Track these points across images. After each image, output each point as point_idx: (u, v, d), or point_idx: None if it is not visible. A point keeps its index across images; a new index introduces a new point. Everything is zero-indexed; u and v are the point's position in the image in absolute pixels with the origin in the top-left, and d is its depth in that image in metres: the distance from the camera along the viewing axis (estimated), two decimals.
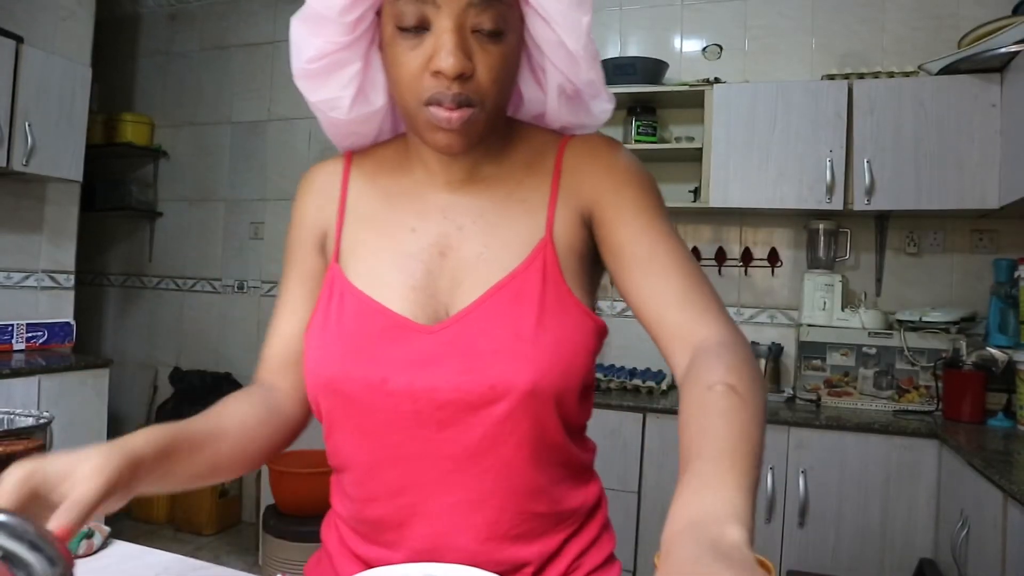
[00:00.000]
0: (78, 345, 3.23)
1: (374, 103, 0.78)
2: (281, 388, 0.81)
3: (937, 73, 2.46)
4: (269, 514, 2.68)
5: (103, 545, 0.93)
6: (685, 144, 2.82)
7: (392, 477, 0.73)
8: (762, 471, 0.58)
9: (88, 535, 0.91)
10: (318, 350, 0.75)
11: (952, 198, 2.42)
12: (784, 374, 2.79)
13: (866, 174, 2.48)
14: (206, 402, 0.76)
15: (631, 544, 2.43)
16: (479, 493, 0.72)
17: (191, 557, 0.90)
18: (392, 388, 0.70)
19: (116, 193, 3.89)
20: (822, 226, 2.73)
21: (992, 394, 2.34)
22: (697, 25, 3.05)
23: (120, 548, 0.93)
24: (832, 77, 2.62)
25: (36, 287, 3.16)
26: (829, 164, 2.51)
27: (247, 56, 3.84)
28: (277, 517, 2.64)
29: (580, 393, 0.74)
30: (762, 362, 2.70)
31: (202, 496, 3.39)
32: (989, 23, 2.29)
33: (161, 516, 3.51)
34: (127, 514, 3.54)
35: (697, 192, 2.82)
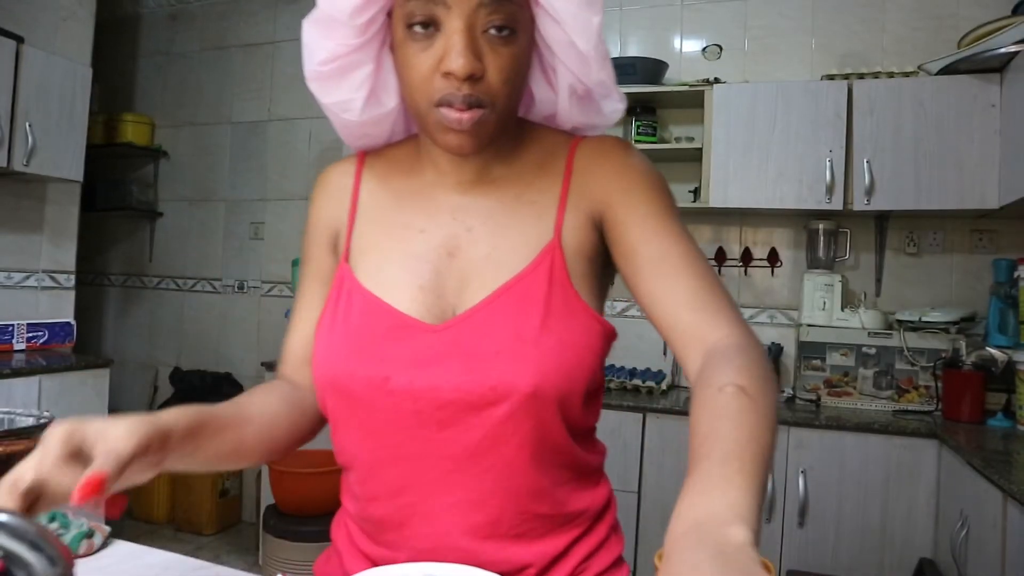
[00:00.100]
0: (78, 345, 3.24)
1: (386, 105, 0.78)
2: (301, 384, 0.82)
3: (937, 73, 2.46)
4: (269, 514, 2.69)
5: (103, 545, 0.93)
6: (685, 144, 2.83)
7: (393, 476, 0.73)
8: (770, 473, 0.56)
9: (88, 535, 0.91)
10: (324, 348, 0.75)
11: (952, 198, 2.42)
12: (784, 374, 2.80)
13: (866, 174, 2.48)
14: (206, 402, 0.76)
15: (631, 544, 2.43)
16: (480, 493, 0.72)
17: (191, 557, 0.90)
18: (394, 387, 0.71)
19: (116, 193, 3.89)
20: (822, 226, 2.73)
21: (992, 394, 2.35)
22: (697, 25, 3.05)
23: (120, 548, 0.94)
24: (832, 77, 2.62)
25: (36, 287, 3.16)
26: (829, 164, 2.52)
27: (247, 56, 3.84)
28: (277, 517, 2.64)
29: (585, 396, 0.73)
30: None
31: (202, 496, 3.40)
32: (989, 23, 2.29)
33: (161, 516, 3.51)
34: (128, 514, 3.54)
35: (697, 192, 2.82)
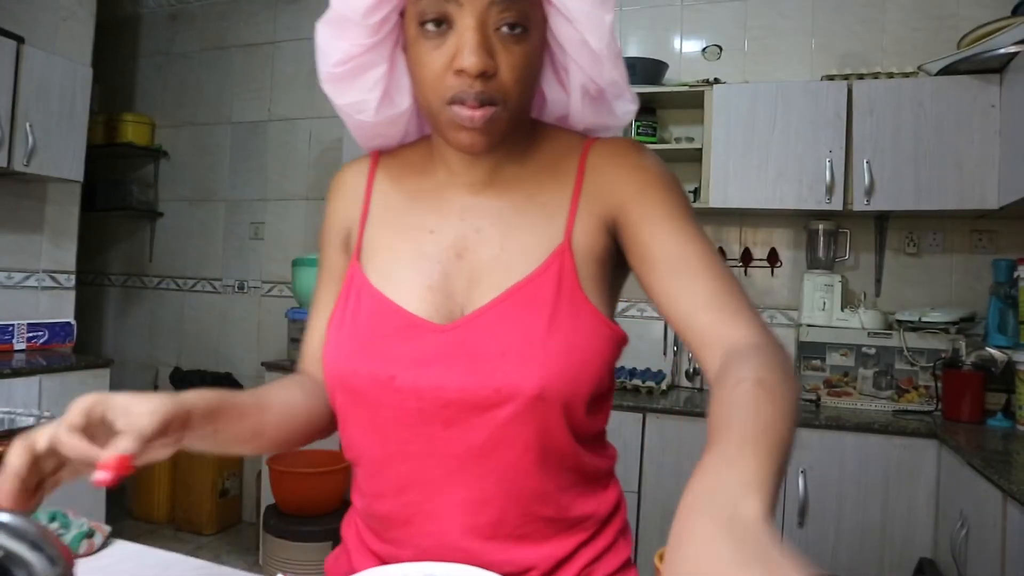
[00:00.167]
0: (79, 345, 3.24)
1: (399, 105, 0.78)
2: (319, 380, 0.83)
3: (937, 74, 2.46)
4: (270, 514, 2.69)
5: (104, 544, 0.93)
6: (685, 144, 2.83)
7: (398, 473, 0.74)
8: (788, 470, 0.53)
9: (88, 535, 0.91)
10: (333, 346, 0.76)
11: (951, 198, 2.42)
12: None
13: (865, 174, 2.48)
14: None
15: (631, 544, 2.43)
16: (483, 493, 0.72)
17: (191, 557, 0.91)
18: (399, 385, 0.71)
19: (117, 193, 3.90)
20: (822, 226, 2.73)
21: (991, 394, 2.35)
22: (697, 25, 3.05)
23: (121, 547, 0.94)
24: (832, 77, 2.62)
25: (37, 287, 3.16)
26: (829, 164, 2.52)
27: (247, 56, 3.84)
28: (278, 517, 2.65)
29: (592, 401, 0.73)
30: None
31: (202, 496, 3.40)
32: (988, 24, 2.29)
33: (162, 516, 3.51)
34: (128, 514, 3.54)
35: (697, 192, 2.82)
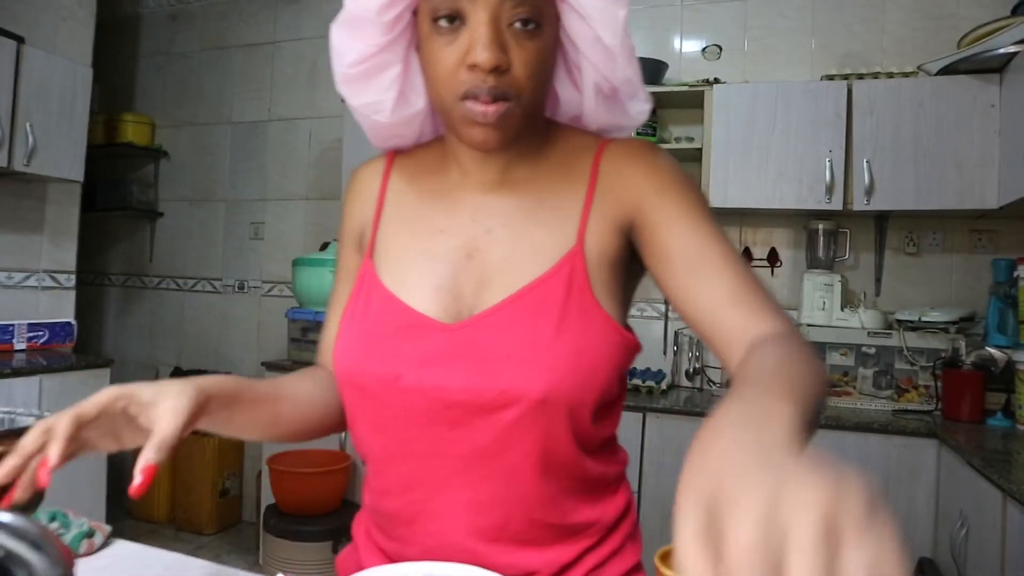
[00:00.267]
0: (79, 345, 3.24)
1: (414, 105, 0.78)
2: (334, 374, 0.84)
3: (936, 73, 2.46)
4: (270, 514, 2.69)
5: (104, 544, 0.93)
6: (685, 144, 2.83)
7: (404, 472, 0.74)
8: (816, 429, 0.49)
9: (89, 534, 0.91)
10: (342, 343, 0.77)
11: (951, 198, 2.42)
12: None
13: (865, 174, 2.48)
14: None
15: None
16: (487, 496, 0.72)
17: (192, 556, 0.91)
18: (405, 384, 0.71)
19: (117, 193, 3.89)
20: (821, 226, 2.73)
21: (991, 394, 2.35)
22: (697, 25, 3.05)
23: (121, 547, 0.94)
24: (832, 77, 2.62)
25: (37, 287, 3.16)
26: (829, 164, 2.52)
27: (247, 56, 3.84)
28: (278, 516, 2.65)
29: (599, 408, 0.72)
30: None
31: (203, 496, 3.40)
32: (988, 24, 2.29)
33: (162, 516, 3.51)
34: (128, 514, 3.54)
35: None
